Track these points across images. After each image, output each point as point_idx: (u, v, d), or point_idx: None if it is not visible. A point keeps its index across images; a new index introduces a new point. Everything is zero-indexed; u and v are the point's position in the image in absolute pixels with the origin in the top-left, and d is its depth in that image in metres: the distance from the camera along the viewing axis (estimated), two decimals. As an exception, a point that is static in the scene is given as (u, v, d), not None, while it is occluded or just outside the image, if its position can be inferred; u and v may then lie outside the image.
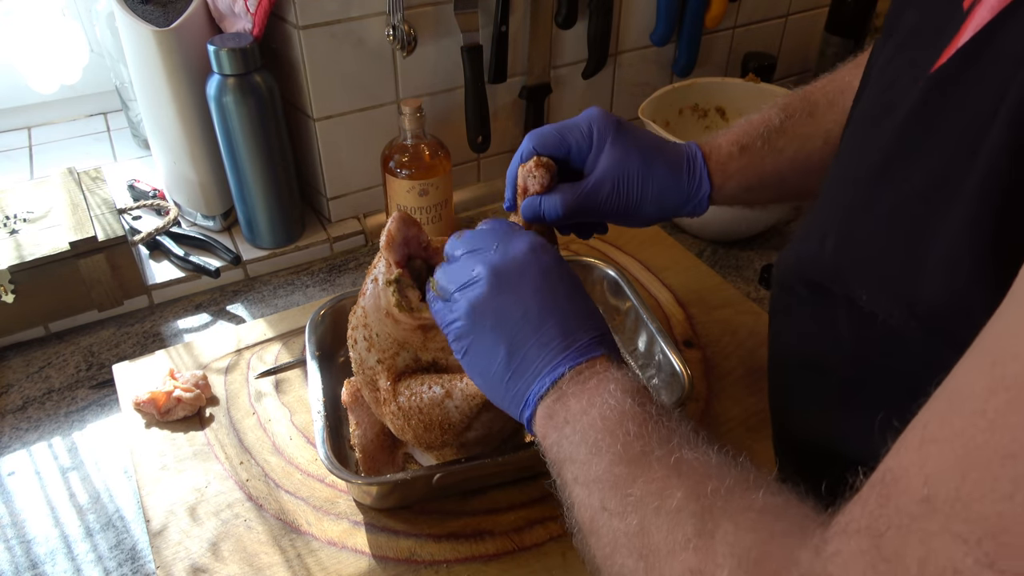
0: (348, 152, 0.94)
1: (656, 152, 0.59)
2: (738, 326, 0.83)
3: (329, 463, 0.60)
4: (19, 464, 0.70)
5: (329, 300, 0.77)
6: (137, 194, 1.01)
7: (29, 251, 0.78)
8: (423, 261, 0.56)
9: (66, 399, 0.77)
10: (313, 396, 0.66)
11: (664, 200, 0.59)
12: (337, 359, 0.76)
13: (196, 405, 0.72)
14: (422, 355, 0.58)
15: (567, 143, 0.59)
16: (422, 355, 0.58)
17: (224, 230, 0.97)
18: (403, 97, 0.93)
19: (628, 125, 0.60)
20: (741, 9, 1.19)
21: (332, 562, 0.60)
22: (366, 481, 0.61)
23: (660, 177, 0.59)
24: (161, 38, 0.82)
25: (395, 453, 0.68)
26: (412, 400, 0.57)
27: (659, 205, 0.60)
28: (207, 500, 0.65)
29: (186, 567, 0.60)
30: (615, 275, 0.81)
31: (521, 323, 0.46)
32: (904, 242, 0.37)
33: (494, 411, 0.55)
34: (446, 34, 0.92)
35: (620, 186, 0.58)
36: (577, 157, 0.59)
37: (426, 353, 0.58)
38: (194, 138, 0.89)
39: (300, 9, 0.81)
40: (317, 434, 0.63)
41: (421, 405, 0.57)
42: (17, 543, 0.63)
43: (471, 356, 0.48)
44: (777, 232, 1.01)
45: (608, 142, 0.58)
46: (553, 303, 0.46)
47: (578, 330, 0.46)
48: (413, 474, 0.61)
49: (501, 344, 0.46)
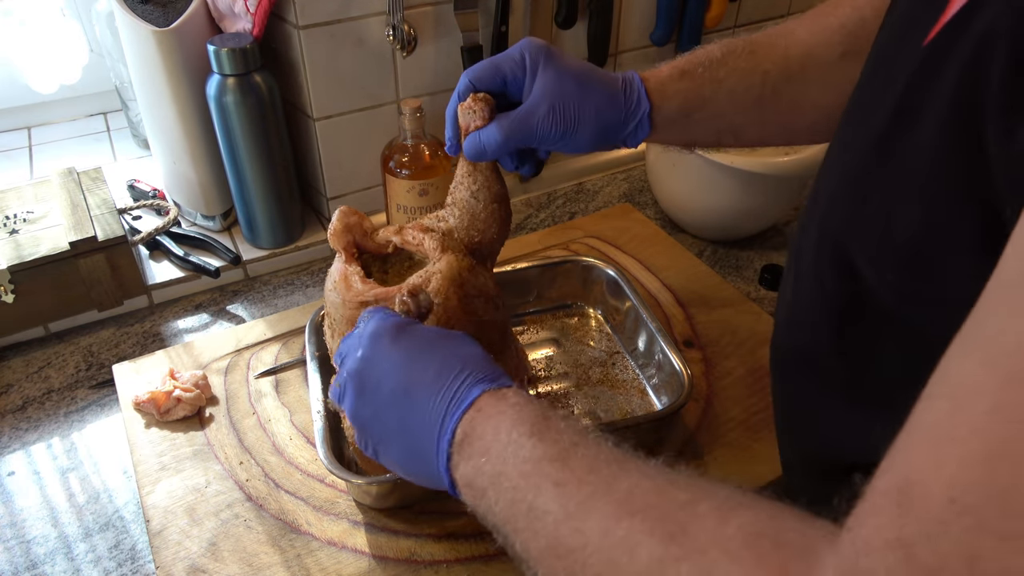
0: (348, 152, 0.94)
1: (590, 72, 0.59)
2: (738, 326, 0.83)
3: (329, 463, 0.60)
4: (19, 464, 0.70)
5: None
6: (137, 194, 1.01)
7: (29, 251, 0.78)
8: (370, 254, 0.62)
9: (66, 399, 0.77)
10: (313, 396, 0.67)
11: (601, 119, 0.58)
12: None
13: (196, 405, 0.72)
14: None
15: (502, 73, 0.58)
16: None
17: (224, 230, 0.97)
18: (403, 97, 0.93)
19: (560, 51, 0.59)
20: (741, 9, 1.19)
21: (332, 562, 0.60)
22: (366, 481, 0.61)
23: (596, 95, 0.58)
24: (161, 38, 0.82)
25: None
26: None
27: (597, 125, 0.58)
28: (207, 500, 0.65)
29: (186, 567, 0.60)
30: (615, 275, 0.81)
31: (394, 407, 0.46)
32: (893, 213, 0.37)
33: None
34: (446, 34, 0.92)
35: (557, 106, 0.57)
36: (513, 87, 0.59)
37: None
38: (194, 138, 0.89)
39: (300, 9, 0.81)
40: (317, 434, 0.63)
41: None
42: (16, 543, 0.63)
43: (382, 456, 0.49)
44: (777, 232, 1.01)
45: (540, 66, 0.57)
46: (407, 375, 0.46)
47: (447, 383, 0.45)
48: None
49: (391, 436, 0.47)
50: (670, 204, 1.01)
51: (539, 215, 1.05)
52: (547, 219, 1.05)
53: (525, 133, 0.57)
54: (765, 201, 0.94)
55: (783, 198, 0.95)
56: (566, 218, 1.05)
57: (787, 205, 0.97)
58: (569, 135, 0.58)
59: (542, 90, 0.57)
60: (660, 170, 0.99)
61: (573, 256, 0.85)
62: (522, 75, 0.58)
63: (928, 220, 0.35)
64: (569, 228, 1.00)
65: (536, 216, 1.05)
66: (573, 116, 0.57)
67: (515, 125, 0.57)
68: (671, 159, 0.96)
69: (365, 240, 0.62)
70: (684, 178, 0.95)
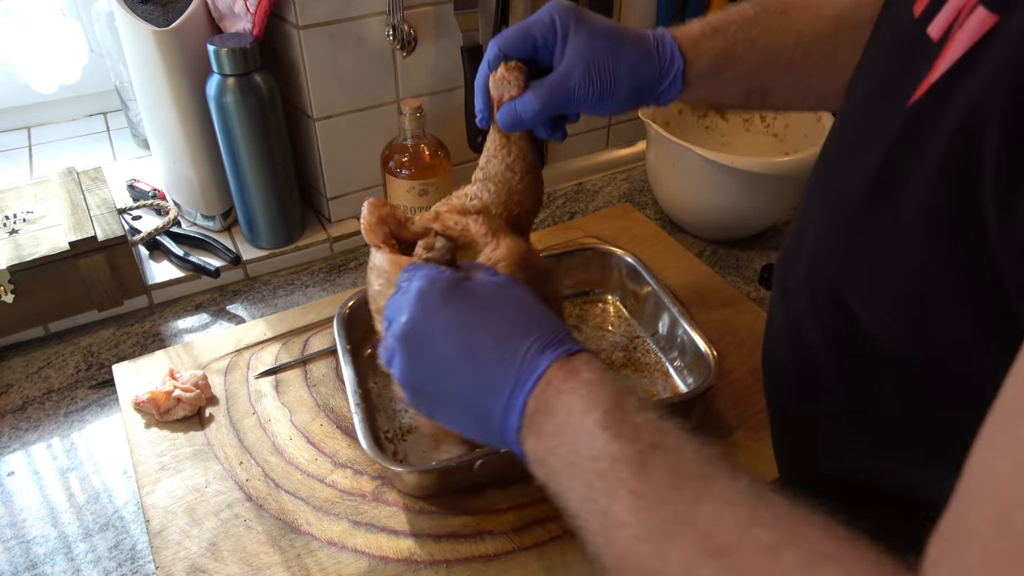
0: (348, 152, 0.94)
1: (622, 32, 0.58)
2: (738, 326, 0.83)
3: (373, 453, 0.62)
4: (19, 464, 0.70)
5: (357, 292, 0.79)
6: (137, 194, 1.01)
7: (29, 251, 0.78)
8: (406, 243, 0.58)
9: (66, 399, 0.77)
10: (350, 388, 0.68)
11: (636, 77, 0.58)
12: (363, 352, 0.78)
13: (196, 405, 0.72)
14: None
15: (531, 38, 0.57)
16: None
17: (224, 230, 0.97)
18: (403, 97, 0.93)
19: (589, 12, 0.58)
20: (741, 9, 1.18)
21: (332, 562, 0.60)
22: (408, 469, 0.63)
23: (629, 53, 0.57)
24: (161, 38, 0.82)
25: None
26: None
27: (632, 84, 0.58)
28: (207, 500, 0.65)
29: (186, 567, 0.60)
30: (633, 261, 0.83)
31: (451, 372, 0.44)
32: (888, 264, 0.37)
33: None
34: (446, 34, 0.92)
35: (592, 68, 0.56)
36: (544, 52, 0.58)
37: None
38: (194, 138, 0.89)
39: (300, 9, 0.81)
40: (358, 426, 0.64)
41: None
42: (16, 543, 0.63)
43: (439, 418, 0.47)
44: (777, 232, 1.01)
45: (571, 29, 0.56)
46: (466, 338, 0.44)
47: (512, 348, 0.42)
48: (455, 462, 0.62)
49: (450, 402, 0.45)
50: (670, 204, 1.01)
51: (539, 215, 1.05)
52: (547, 219, 1.05)
53: (563, 98, 0.56)
54: (765, 201, 0.94)
55: (783, 198, 0.95)
56: (566, 218, 1.05)
57: (787, 205, 0.97)
58: (607, 96, 0.57)
59: (575, 53, 0.56)
60: (660, 170, 0.99)
61: (593, 244, 0.87)
62: (552, 39, 0.57)
63: (924, 273, 0.35)
64: (569, 228, 1.00)
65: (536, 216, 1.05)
66: (609, 77, 0.56)
67: (552, 91, 0.56)
68: (671, 159, 0.96)
69: (401, 230, 0.58)
70: (684, 178, 0.95)
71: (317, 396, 0.75)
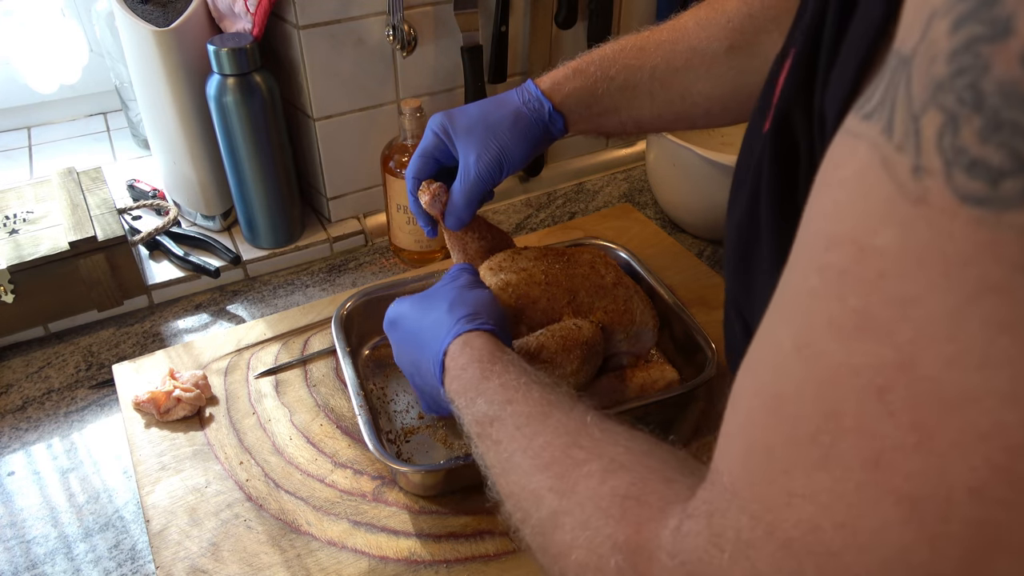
0: (348, 152, 0.94)
1: (488, 106, 0.66)
2: (738, 326, 0.83)
3: (379, 453, 0.62)
4: (19, 464, 0.70)
5: (356, 292, 0.79)
6: (137, 194, 1.01)
7: (29, 251, 0.78)
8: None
9: (66, 399, 0.77)
10: (352, 390, 0.68)
11: (519, 131, 0.65)
12: (362, 353, 0.78)
13: (196, 405, 0.72)
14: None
15: (431, 156, 0.67)
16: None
17: (224, 230, 0.97)
18: (403, 97, 0.93)
19: (460, 108, 0.66)
20: (741, 9, 1.18)
21: (332, 562, 0.60)
22: (415, 469, 0.63)
23: (503, 118, 0.65)
24: (161, 38, 0.82)
25: (518, 326, 0.69)
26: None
27: (519, 138, 0.65)
28: (207, 500, 0.65)
29: (186, 567, 0.60)
30: (626, 256, 0.84)
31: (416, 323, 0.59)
32: (764, 290, 0.40)
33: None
34: (446, 34, 0.92)
35: (482, 150, 0.64)
36: (447, 159, 0.68)
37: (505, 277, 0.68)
38: (194, 138, 0.89)
39: (300, 9, 0.81)
40: (363, 427, 0.64)
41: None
42: (16, 543, 0.63)
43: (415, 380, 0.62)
44: (777, 232, 1.01)
45: (451, 131, 0.65)
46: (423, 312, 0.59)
47: (448, 320, 0.56)
48: (461, 461, 0.62)
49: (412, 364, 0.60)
50: (670, 204, 1.01)
51: (539, 215, 1.06)
52: (547, 219, 1.05)
53: (477, 184, 0.65)
54: (765, 201, 0.94)
55: (783, 198, 0.95)
56: (566, 218, 1.05)
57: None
58: (508, 159, 0.65)
59: (464, 146, 0.65)
60: (660, 170, 0.99)
61: (588, 239, 0.87)
62: (445, 147, 0.66)
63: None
64: (569, 228, 1.00)
65: (536, 216, 1.05)
66: (496, 146, 0.64)
67: (467, 185, 0.65)
68: (671, 159, 0.96)
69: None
70: (684, 178, 0.95)
71: (317, 396, 0.75)
